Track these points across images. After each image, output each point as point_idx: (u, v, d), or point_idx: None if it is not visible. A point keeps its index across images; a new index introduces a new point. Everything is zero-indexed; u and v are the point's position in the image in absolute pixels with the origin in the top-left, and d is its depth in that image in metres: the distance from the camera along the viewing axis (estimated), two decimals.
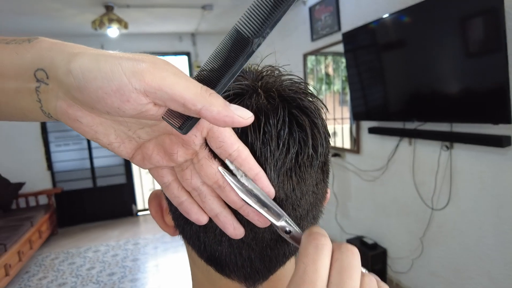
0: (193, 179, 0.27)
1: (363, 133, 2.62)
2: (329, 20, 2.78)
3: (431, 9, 1.72)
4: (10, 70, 0.23)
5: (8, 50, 0.24)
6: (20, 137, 4.15)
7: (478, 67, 1.58)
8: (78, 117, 0.23)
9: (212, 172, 0.26)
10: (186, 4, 3.20)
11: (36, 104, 0.24)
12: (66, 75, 0.21)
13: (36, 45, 0.24)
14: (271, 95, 0.30)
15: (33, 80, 0.23)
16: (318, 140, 0.30)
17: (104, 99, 0.21)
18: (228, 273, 0.33)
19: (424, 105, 1.91)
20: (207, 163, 0.26)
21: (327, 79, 3.25)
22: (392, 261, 2.46)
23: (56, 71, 0.22)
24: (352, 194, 2.81)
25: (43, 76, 0.23)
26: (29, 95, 0.24)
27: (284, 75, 0.33)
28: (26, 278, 3.05)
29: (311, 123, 0.30)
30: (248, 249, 0.31)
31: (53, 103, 0.23)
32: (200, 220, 0.28)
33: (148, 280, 2.92)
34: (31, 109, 0.24)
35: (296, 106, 0.30)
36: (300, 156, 0.29)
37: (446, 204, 1.93)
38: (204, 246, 0.32)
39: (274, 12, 0.24)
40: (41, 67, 0.23)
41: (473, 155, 1.75)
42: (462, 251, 1.89)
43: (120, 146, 0.26)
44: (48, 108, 0.24)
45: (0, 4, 2.82)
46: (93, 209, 4.49)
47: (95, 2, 2.94)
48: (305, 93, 0.32)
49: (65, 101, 0.23)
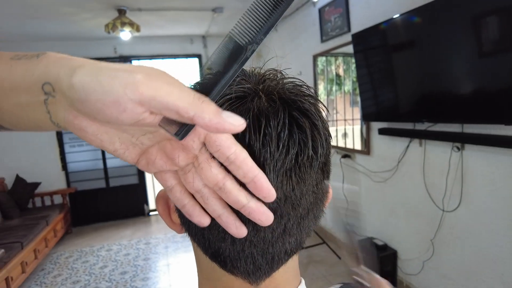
0: (195, 181, 0.28)
1: (373, 134, 2.60)
2: (338, 21, 2.77)
3: (442, 9, 1.70)
4: (22, 85, 0.25)
5: (20, 66, 0.26)
6: (36, 139, 4.26)
7: (490, 67, 1.56)
8: (83, 127, 0.25)
9: (211, 174, 0.27)
10: (197, 7, 3.23)
11: (46, 115, 0.26)
12: (69, 88, 0.23)
13: (43, 60, 0.25)
14: (272, 98, 0.31)
15: (42, 93, 0.25)
16: (318, 141, 0.31)
17: (103, 110, 0.22)
18: (231, 269, 0.35)
19: (435, 106, 1.89)
20: (206, 166, 0.27)
21: (337, 80, 3.24)
22: (402, 263, 2.44)
23: (61, 84, 0.24)
24: (362, 195, 2.80)
25: (50, 89, 0.24)
26: (39, 107, 0.25)
27: (286, 78, 0.34)
28: (42, 276, 3.13)
29: (311, 124, 0.31)
30: (250, 246, 0.32)
31: (61, 114, 0.25)
32: (202, 222, 0.29)
33: (159, 279, 2.96)
34: (43, 120, 0.26)
35: (296, 108, 0.31)
36: (300, 157, 0.30)
37: (458, 205, 1.91)
38: (209, 243, 0.34)
39: (268, 19, 0.25)
40: (47, 80, 0.24)
41: (485, 156, 1.72)
42: (474, 253, 1.86)
43: (125, 153, 0.27)
44: (57, 119, 0.26)
45: (17, 9, 2.90)
46: (106, 209, 4.56)
47: (108, 6, 3.00)
48: (306, 96, 0.33)
49: (71, 112, 0.24)
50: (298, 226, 0.33)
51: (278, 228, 0.32)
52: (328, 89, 3.30)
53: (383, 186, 2.53)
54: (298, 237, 0.34)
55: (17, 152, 4.21)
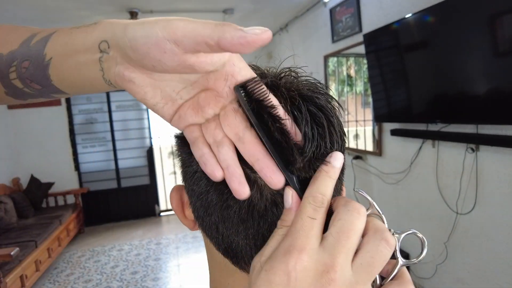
0: (216, 130, 0.29)
1: (385, 135, 2.57)
2: (350, 22, 2.75)
3: (456, 7, 1.67)
4: (81, 46, 0.29)
5: (80, 32, 0.30)
6: (50, 139, 4.35)
7: (506, 66, 1.52)
8: (132, 78, 0.28)
9: (234, 121, 0.28)
10: (208, 9, 3.26)
11: (99, 73, 0.29)
12: (122, 39, 0.26)
13: (101, 24, 0.29)
14: (291, 94, 0.31)
15: (97, 51, 0.28)
16: (334, 137, 0.31)
17: (148, 53, 0.25)
18: (243, 266, 0.34)
19: (449, 107, 1.86)
20: (231, 113, 0.29)
21: (349, 80, 3.21)
22: (415, 266, 2.40)
23: (116, 39, 0.27)
24: (374, 197, 2.75)
25: (105, 46, 0.28)
26: (94, 65, 0.29)
27: (302, 76, 0.35)
28: (55, 274, 3.18)
29: (327, 121, 0.31)
30: (262, 241, 0.32)
31: (113, 70, 0.28)
32: (215, 173, 0.29)
33: (170, 279, 2.98)
34: (96, 78, 0.30)
35: (313, 104, 0.31)
36: (317, 150, 0.30)
37: (472, 208, 1.87)
38: (222, 237, 0.33)
39: None
40: (104, 39, 0.28)
41: (500, 158, 1.68)
42: (490, 257, 1.82)
43: (164, 107, 0.30)
44: (109, 75, 0.29)
45: (33, 14, 2.98)
46: (118, 209, 4.62)
47: (120, 9, 3.05)
48: (321, 93, 0.33)
49: (122, 65, 0.28)
50: None
51: None
52: (339, 90, 3.28)
53: (395, 188, 2.50)
54: None
55: (32, 153, 4.30)
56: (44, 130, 4.33)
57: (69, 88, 0.33)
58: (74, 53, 0.30)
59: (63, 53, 0.31)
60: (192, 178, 0.34)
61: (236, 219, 0.32)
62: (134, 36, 0.26)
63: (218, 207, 0.32)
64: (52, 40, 0.31)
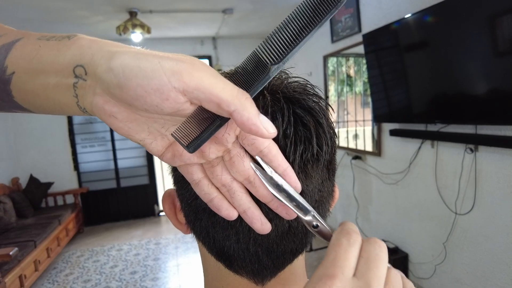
0: (224, 175, 0.28)
1: (384, 135, 2.57)
2: (349, 22, 2.75)
3: (455, 8, 1.67)
4: (51, 66, 0.25)
5: (49, 46, 0.25)
6: (49, 139, 4.34)
7: (506, 66, 1.52)
8: (113, 113, 0.24)
9: (243, 168, 0.27)
10: (207, 9, 3.25)
11: (73, 99, 0.25)
12: (107, 72, 0.22)
13: (76, 42, 0.25)
14: (277, 96, 0.31)
15: (72, 76, 0.24)
16: (323, 139, 0.31)
17: (143, 97, 0.22)
18: (237, 269, 0.34)
19: (448, 107, 1.86)
20: (238, 160, 0.27)
21: (348, 80, 3.21)
22: (413, 266, 2.40)
23: (95, 68, 0.23)
24: (373, 197, 2.76)
25: (81, 72, 0.24)
26: (67, 90, 0.25)
27: (291, 78, 0.34)
28: (54, 274, 3.18)
29: (315, 122, 0.31)
30: (255, 245, 0.32)
31: (89, 99, 0.24)
32: (231, 215, 0.29)
33: (169, 279, 2.98)
34: (68, 104, 0.26)
35: (300, 107, 0.31)
36: (305, 154, 0.30)
37: (471, 208, 1.87)
38: (213, 241, 0.33)
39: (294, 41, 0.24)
40: (80, 63, 0.24)
41: (499, 158, 1.68)
42: (488, 257, 1.82)
43: (152, 143, 0.26)
44: (84, 104, 0.25)
45: (32, 14, 2.98)
46: (117, 209, 4.61)
47: (119, 9, 3.04)
48: (310, 94, 0.33)
49: (102, 97, 0.23)
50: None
51: (282, 226, 0.32)
52: (339, 90, 3.28)
53: (395, 188, 2.50)
54: (303, 236, 0.34)
55: (32, 153, 4.29)
56: (43, 130, 4.32)
57: (35, 108, 0.28)
58: (42, 72, 0.25)
59: (28, 70, 0.26)
60: (181, 183, 0.34)
61: (225, 224, 0.32)
62: (124, 73, 0.22)
63: (207, 212, 0.32)
64: (16, 49, 0.27)
